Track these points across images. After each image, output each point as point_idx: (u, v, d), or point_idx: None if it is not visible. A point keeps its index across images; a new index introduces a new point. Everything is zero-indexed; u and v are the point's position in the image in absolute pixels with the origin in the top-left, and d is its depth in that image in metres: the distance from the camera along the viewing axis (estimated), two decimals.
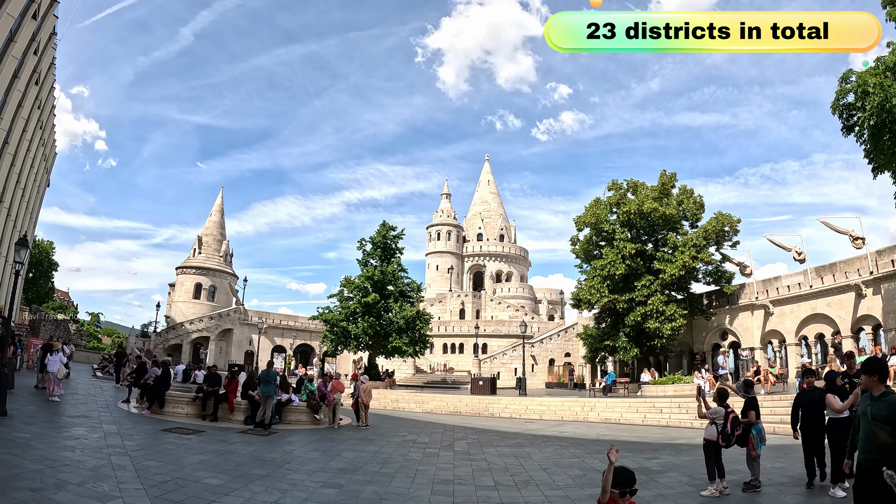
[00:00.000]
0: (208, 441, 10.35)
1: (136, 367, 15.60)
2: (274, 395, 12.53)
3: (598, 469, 8.68)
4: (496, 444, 12.62)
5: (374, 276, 30.96)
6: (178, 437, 10.47)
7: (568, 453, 11.27)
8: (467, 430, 15.66)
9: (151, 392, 13.13)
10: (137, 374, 14.84)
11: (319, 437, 12.37)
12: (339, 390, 14.59)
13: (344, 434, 13.24)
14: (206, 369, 20.50)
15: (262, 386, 12.48)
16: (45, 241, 62.22)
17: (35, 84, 27.33)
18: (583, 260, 33.72)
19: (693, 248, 29.25)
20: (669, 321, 29.08)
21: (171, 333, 48.82)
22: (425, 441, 12.97)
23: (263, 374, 12.56)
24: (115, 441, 9.13)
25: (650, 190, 31.92)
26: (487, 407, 23.22)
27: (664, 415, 18.23)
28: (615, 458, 3.23)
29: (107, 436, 9.50)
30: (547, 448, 11.99)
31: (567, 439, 13.67)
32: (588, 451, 11.46)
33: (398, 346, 29.84)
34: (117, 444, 8.88)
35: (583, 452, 11.22)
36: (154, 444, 9.46)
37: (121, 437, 9.58)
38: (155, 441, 9.78)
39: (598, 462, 9.75)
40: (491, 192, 66.29)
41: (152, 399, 13.16)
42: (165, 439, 10.06)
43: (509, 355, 43.57)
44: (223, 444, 10.08)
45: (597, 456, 10.49)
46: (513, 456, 10.70)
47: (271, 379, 12.46)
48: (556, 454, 11.12)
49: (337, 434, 13.14)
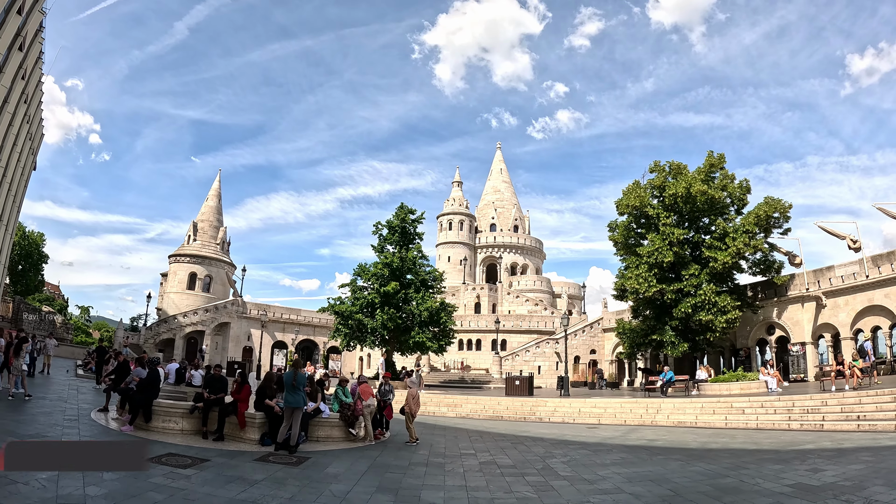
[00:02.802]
0: (216, 479, 6.90)
1: (115, 367, 12.05)
2: (303, 407, 9.10)
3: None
4: (596, 459, 10.00)
5: (393, 263, 27.46)
6: (171, 472, 6.99)
7: (720, 470, 8.06)
8: (534, 440, 13.05)
9: (134, 401, 9.63)
10: (117, 375, 11.31)
11: (368, 462, 8.92)
12: (371, 395, 11.12)
13: (397, 456, 9.80)
14: (203, 368, 16.98)
15: (288, 394, 9.01)
16: (34, 233, 60.35)
17: (21, 79, 27.50)
18: (621, 247, 30.90)
19: (745, 235, 26.66)
20: (722, 313, 26.55)
21: (162, 327, 45.06)
22: (510, 463, 9.63)
23: (288, 378, 9.08)
24: (70, 487, 5.69)
25: (697, 172, 29.11)
26: (533, 410, 20.51)
27: (748, 416, 16.22)
28: None
29: (60, 476, 6.03)
30: (687, 465, 8.74)
31: (681, 450, 11.16)
32: (753, 463, 8.02)
33: (421, 341, 26.37)
34: (72, 495, 5.45)
35: (755, 468, 7.84)
36: (133, 491, 5.98)
37: (83, 476, 6.12)
38: (135, 484, 6.26)
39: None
40: (504, 181, 62.81)
41: (135, 409, 9.68)
42: (151, 479, 6.53)
43: (532, 352, 40.25)
44: (240, 486, 6.61)
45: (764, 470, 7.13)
46: (663, 480, 7.32)
47: (299, 384, 9.01)
48: (711, 472, 7.83)
49: (389, 456, 9.69)
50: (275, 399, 10.00)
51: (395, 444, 11.25)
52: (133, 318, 73.98)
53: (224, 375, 10.83)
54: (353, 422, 11.01)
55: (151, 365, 10.62)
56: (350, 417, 10.98)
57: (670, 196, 28.18)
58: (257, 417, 9.77)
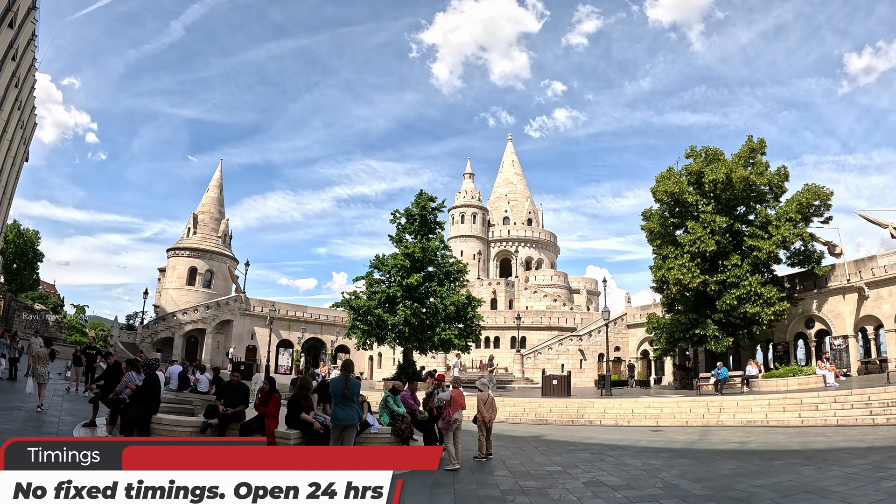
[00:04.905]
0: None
1: (104, 371, 9.61)
2: (358, 424, 6.68)
3: None
4: (715, 471, 8.82)
5: (415, 253, 25.04)
6: None
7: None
8: (612, 448, 11.53)
9: (127, 417, 7.20)
10: (106, 381, 8.88)
11: (448, 494, 6.51)
12: (462, 406, 8.51)
13: (478, 481, 7.34)
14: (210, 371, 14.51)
15: (337, 407, 6.56)
16: (29, 231, 59.50)
17: (12, 60, 26.80)
18: (657, 237, 28.87)
19: (788, 223, 25.24)
20: (768, 305, 24.99)
21: (160, 325, 42.53)
22: (619, 482, 7.71)
23: (338, 386, 6.62)
24: None
25: (736, 157, 27.54)
26: (580, 412, 19.02)
27: (824, 412, 15.43)
28: None
29: None
30: (826, 470, 7.82)
31: (792, 453, 10.35)
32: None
33: (447, 338, 23.93)
34: None
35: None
36: None
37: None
38: None
39: None
40: (516, 173, 60.36)
41: (129, 428, 7.25)
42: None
43: (555, 349, 37.93)
44: None
45: None
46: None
47: (353, 393, 6.58)
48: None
49: (468, 482, 7.26)
50: (312, 412, 7.60)
51: (471, 467, 8.85)
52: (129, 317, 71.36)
53: (243, 382, 8.40)
54: (408, 438, 8.63)
55: (149, 369, 8.18)
56: (405, 432, 8.60)
57: (710, 182, 26.47)
58: (292, 437, 7.33)
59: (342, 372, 6.83)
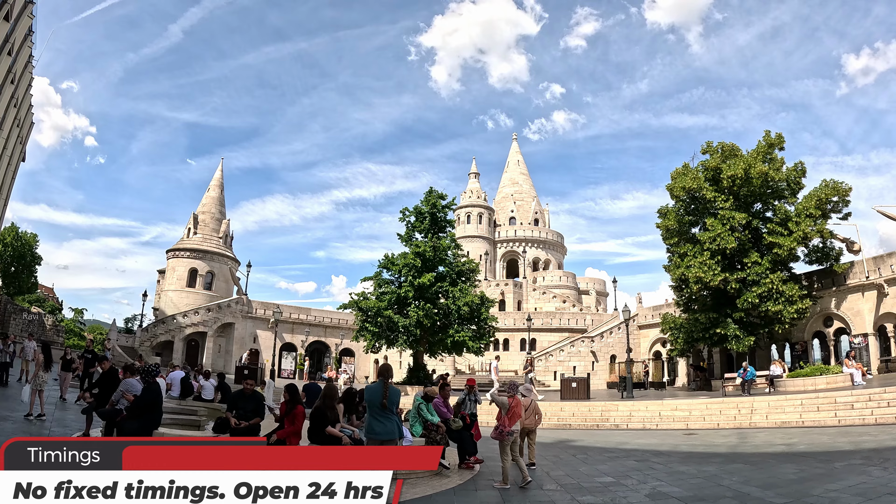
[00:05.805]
0: None
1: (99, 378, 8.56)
2: (398, 439, 5.66)
3: None
4: (780, 475, 8.24)
5: (426, 252, 24.02)
6: None
7: None
8: (654, 454, 10.91)
9: (125, 432, 6.16)
10: (102, 389, 7.84)
11: None
12: (519, 415, 7.33)
13: (532, 499, 6.47)
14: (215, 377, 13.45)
15: (374, 419, 5.54)
16: (28, 234, 58.93)
17: (8, 55, 26.85)
18: (674, 234, 28.04)
19: (808, 219, 24.53)
20: (790, 303, 24.29)
21: (159, 328, 41.41)
22: (685, 493, 7.02)
23: (375, 396, 5.59)
24: None
25: (754, 152, 26.91)
26: (604, 416, 18.36)
27: (860, 411, 14.98)
28: None
29: None
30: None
31: (852, 453, 9.74)
32: None
33: (461, 339, 22.91)
34: None
35: None
36: None
37: None
38: None
39: None
40: (521, 172, 59.42)
41: None
42: None
43: (567, 351, 36.91)
44: None
45: None
46: None
47: (392, 403, 5.55)
48: None
49: (519, 499, 6.35)
50: (339, 424, 6.58)
51: (492, 476, 7.88)
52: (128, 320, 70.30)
53: (257, 391, 7.37)
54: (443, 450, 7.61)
55: (149, 376, 7.13)
56: (440, 443, 7.58)
57: (728, 178, 25.68)
58: None
59: (380, 378, 5.80)
